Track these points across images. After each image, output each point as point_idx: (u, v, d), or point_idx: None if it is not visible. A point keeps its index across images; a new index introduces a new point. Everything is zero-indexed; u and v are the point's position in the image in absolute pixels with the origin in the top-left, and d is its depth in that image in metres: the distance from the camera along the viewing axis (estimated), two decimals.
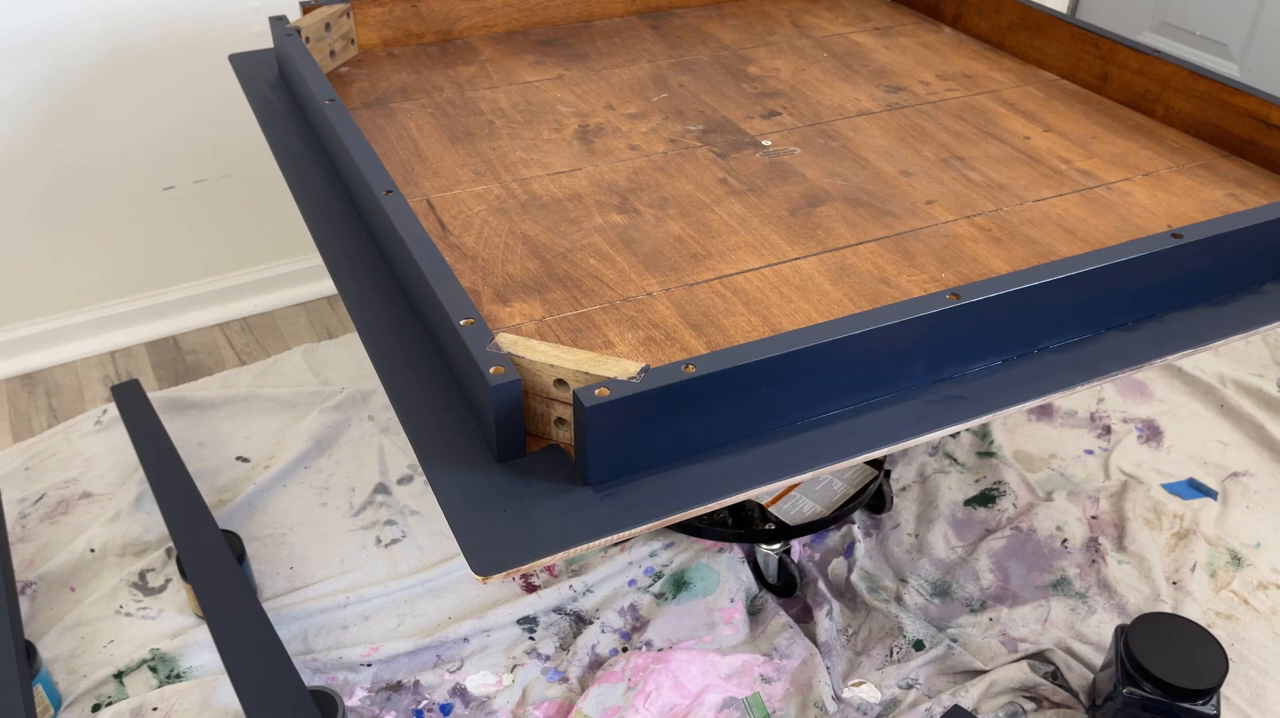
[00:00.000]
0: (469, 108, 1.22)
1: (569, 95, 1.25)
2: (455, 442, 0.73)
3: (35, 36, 1.42)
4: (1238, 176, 1.11)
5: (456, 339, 0.73)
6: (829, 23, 1.51)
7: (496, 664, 1.13)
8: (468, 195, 1.03)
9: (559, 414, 0.72)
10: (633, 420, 0.68)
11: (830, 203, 1.04)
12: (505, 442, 0.71)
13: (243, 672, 0.98)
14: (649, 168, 1.09)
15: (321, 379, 1.56)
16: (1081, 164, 1.12)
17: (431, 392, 0.78)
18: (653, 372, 0.69)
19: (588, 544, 0.66)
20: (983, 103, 1.26)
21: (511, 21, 1.44)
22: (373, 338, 0.84)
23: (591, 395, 0.66)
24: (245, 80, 1.28)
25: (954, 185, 1.07)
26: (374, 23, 1.35)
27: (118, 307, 1.66)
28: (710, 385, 0.70)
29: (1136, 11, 2.23)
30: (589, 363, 0.70)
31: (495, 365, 0.69)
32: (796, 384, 0.73)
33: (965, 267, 0.93)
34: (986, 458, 1.40)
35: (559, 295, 0.88)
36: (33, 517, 1.31)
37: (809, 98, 1.26)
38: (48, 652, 1.13)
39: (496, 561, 0.64)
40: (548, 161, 1.10)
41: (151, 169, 1.59)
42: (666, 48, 1.40)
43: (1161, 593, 1.19)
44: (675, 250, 0.95)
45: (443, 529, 1.29)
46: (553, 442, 0.74)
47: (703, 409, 0.71)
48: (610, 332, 0.84)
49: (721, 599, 1.19)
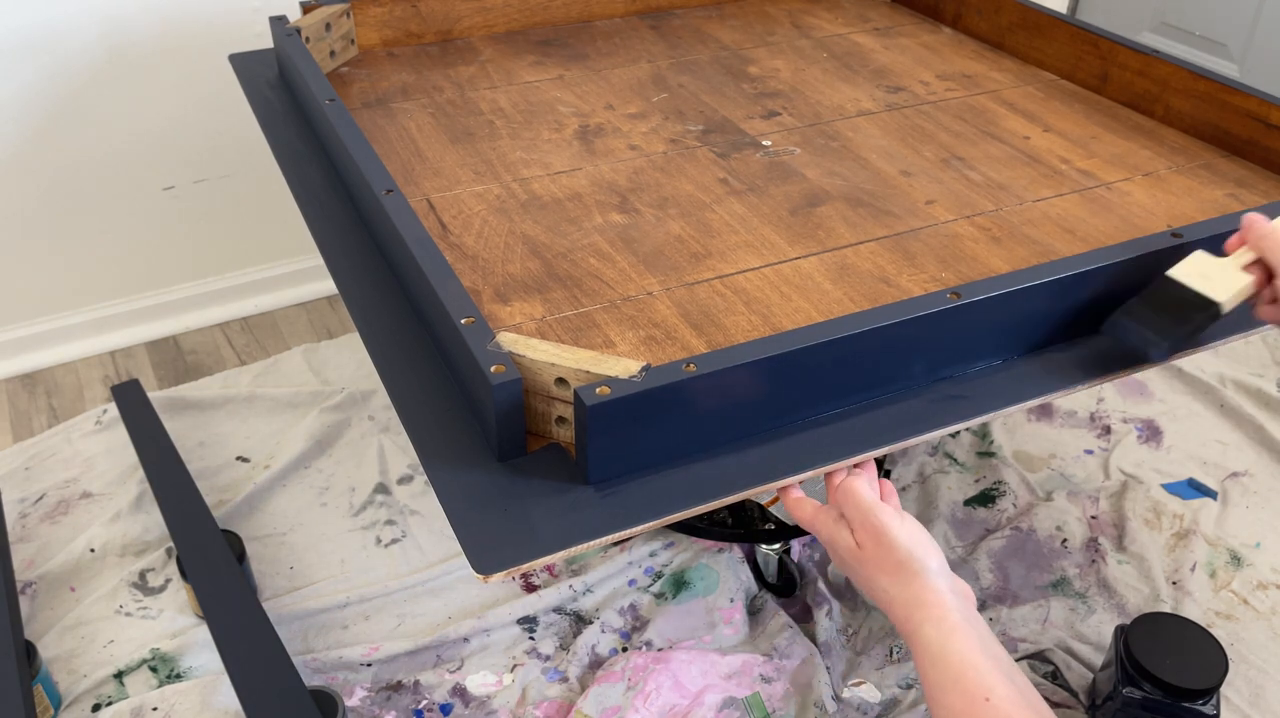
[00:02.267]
0: (469, 108, 1.21)
1: (569, 95, 1.25)
2: (456, 441, 0.73)
3: (35, 36, 1.42)
4: (1237, 176, 1.11)
5: (457, 338, 0.72)
6: (829, 23, 1.51)
7: (496, 664, 1.13)
8: (468, 195, 1.03)
9: (559, 413, 0.72)
10: (634, 419, 0.68)
11: (830, 203, 1.04)
12: (506, 441, 0.71)
13: (243, 672, 0.98)
14: (649, 168, 1.09)
15: (321, 379, 1.56)
16: (1081, 164, 1.12)
17: (432, 391, 0.78)
18: (654, 370, 0.69)
19: (589, 543, 0.66)
20: (982, 103, 1.26)
21: (511, 22, 1.44)
22: (374, 338, 0.84)
23: (593, 394, 0.66)
24: (245, 80, 1.28)
25: (954, 185, 1.07)
26: (374, 23, 1.35)
27: (118, 307, 1.66)
28: (711, 384, 0.70)
29: (1136, 11, 2.23)
30: (590, 362, 0.70)
31: (496, 364, 0.69)
32: (797, 383, 0.73)
33: (965, 266, 0.93)
34: (986, 458, 1.40)
35: (559, 295, 0.88)
36: (33, 517, 1.31)
37: (809, 98, 1.26)
38: (48, 652, 1.13)
39: (498, 559, 0.64)
40: (548, 161, 1.10)
41: (151, 169, 1.59)
42: (666, 48, 1.40)
43: (1161, 593, 1.19)
44: (676, 250, 0.95)
45: (443, 529, 1.29)
46: (553, 440, 0.73)
47: (704, 408, 0.71)
48: (611, 331, 0.84)
49: (721, 599, 1.19)
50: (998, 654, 0.68)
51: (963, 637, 0.68)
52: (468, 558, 0.64)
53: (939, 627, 0.68)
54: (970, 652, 0.67)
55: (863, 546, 0.73)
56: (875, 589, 0.73)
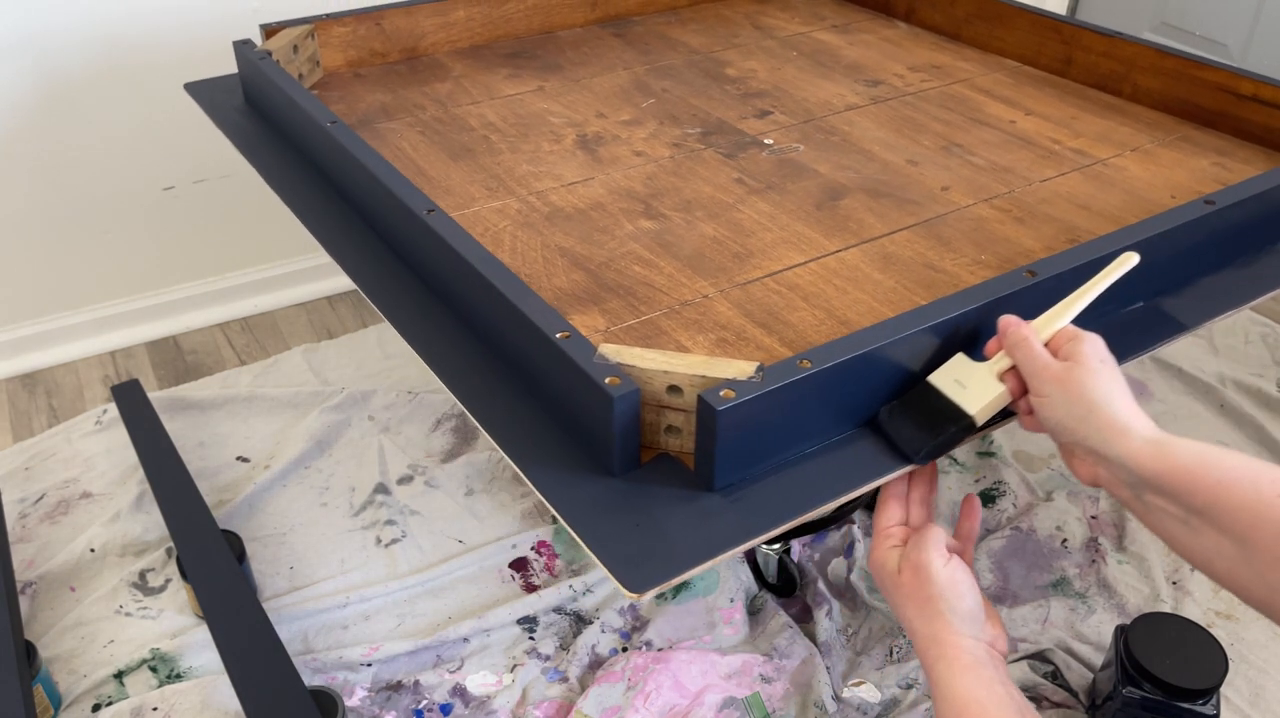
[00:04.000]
0: (457, 124, 1.19)
1: (556, 106, 1.24)
2: (558, 458, 0.71)
3: (35, 36, 1.42)
4: (1216, 146, 1.16)
5: (555, 354, 0.70)
6: (787, 23, 1.51)
7: (496, 664, 1.13)
8: (487, 212, 1.01)
9: (669, 422, 0.70)
10: (757, 421, 0.67)
11: (851, 195, 1.04)
12: (625, 454, 0.69)
13: (243, 672, 0.98)
14: (661, 173, 1.08)
15: (321, 379, 1.56)
16: (1071, 143, 1.15)
17: (515, 411, 0.76)
18: (770, 369, 0.68)
19: (732, 551, 0.65)
20: (960, 91, 1.29)
21: (475, 36, 1.41)
22: (444, 366, 0.81)
23: (719, 398, 0.65)
24: (210, 109, 1.24)
25: (962, 171, 1.09)
26: (338, 43, 1.32)
27: (118, 307, 1.66)
28: (830, 377, 0.69)
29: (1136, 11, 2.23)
30: (703, 366, 0.68)
31: (610, 377, 0.67)
32: (905, 365, 0.74)
33: (1000, 247, 0.95)
34: (986, 458, 1.40)
35: (616, 304, 0.87)
36: (33, 517, 1.31)
37: (794, 95, 1.27)
38: (48, 652, 1.13)
39: (645, 577, 0.63)
40: (558, 173, 1.09)
41: (151, 169, 1.59)
42: (638, 55, 1.39)
43: (1161, 593, 1.19)
44: (716, 251, 0.94)
45: (443, 529, 1.29)
46: (662, 450, 0.72)
47: (820, 402, 0.70)
48: (680, 336, 0.82)
49: (721, 599, 1.19)
50: (1003, 697, 0.69)
51: (973, 678, 0.70)
52: (615, 578, 0.63)
53: (950, 666, 0.71)
54: (976, 691, 0.69)
55: (902, 573, 0.76)
56: (902, 618, 0.76)
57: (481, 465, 1.38)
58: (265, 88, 1.16)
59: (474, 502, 1.33)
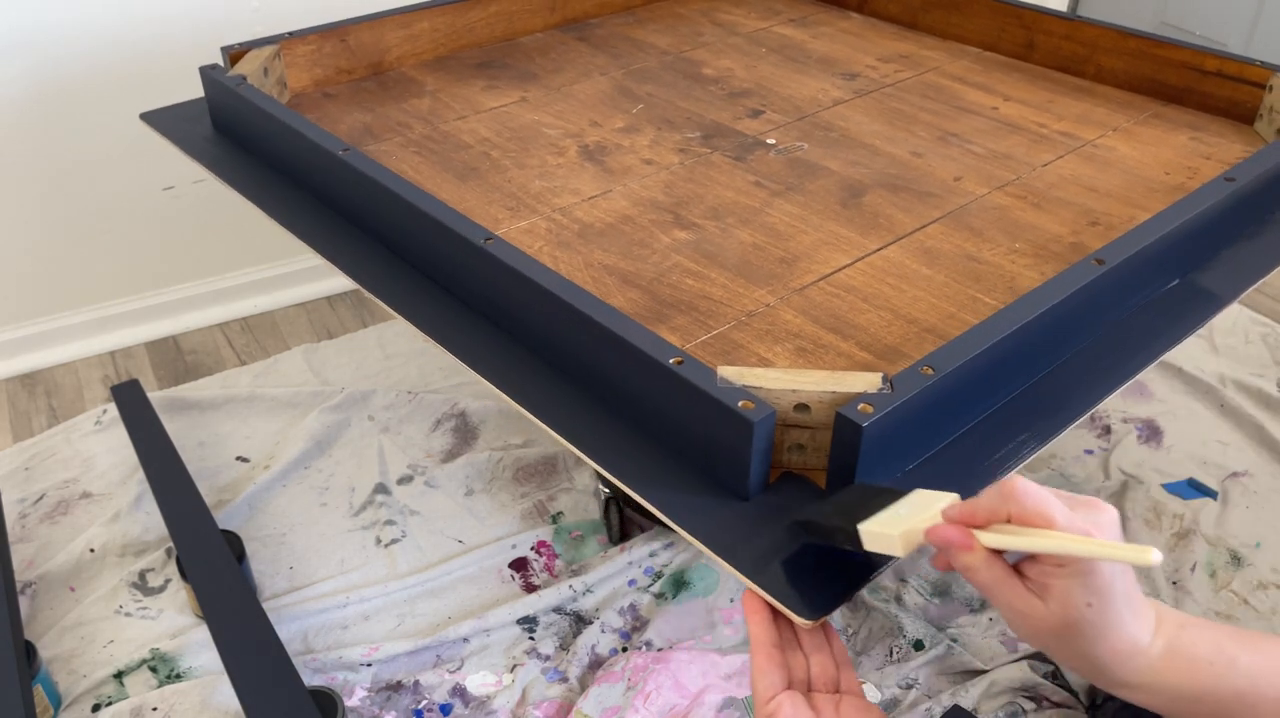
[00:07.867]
0: (451, 142, 1.15)
1: (546, 116, 1.21)
2: (688, 486, 0.70)
3: (34, 36, 1.42)
4: (1189, 121, 1.18)
5: (674, 380, 0.68)
6: (744, 18, 1.51)
7: (496, 664, 1.13)
8: (517, 233, 0.98)
9: (795, 440, 0.69)
10: (893, 432, 0.67)
11: (870, 191, 1.04)
12: (759, 476, 0.68)
13: (243, 672, 0.98)
14: (677, 180, 1.07)
15: (321, 379, 1.56)
16: (1056, 126, 1.17)
17: (619, 439, 0.74)
18: (896, 379, 0.67)
19: (891, 562, 0.64)
20: (935, 80, 1.30)
21: (439, 46, 1.37)
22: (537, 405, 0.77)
23: (860, 414, 0.64)
24: (175, 138, 1.18)
25: (965, 160, 1.10)
26: (304, 62, 1.27)
27: (118, 307, 1.66)
28: (953, 382, 0.69)
29: (1136, 11, 2.23)
30: (830, 382, 0.67)
31: (743, 400, 0.65)
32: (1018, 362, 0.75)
33: (1030, 234, 0.97)
34: None
35: (683, 321, 0.85)
36: (33, 517, 1.31)
37: (778, 93, 1.27)
38: (48, 652, 1.13)
39: (819, 599, 0.61)
40: (574, 187, 1.06)
41: (151, 169, 1.59)
42: (609, 59, 1.37)
43: (1162, 593, 1.19)
44: (760, 258, 0.93)
45: (443, 529, 1.29)
46: (786, 469, 0.71)
47: (941, 409, 0.70)
48: (758, 348, 0.82)
49: (721, 599, 1.19)
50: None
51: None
52: (788, 608, 0.60)
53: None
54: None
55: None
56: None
57: (481, 465, 1.38)
58: (248, 115, 1.09)
59: (474, 502, 1.33)
